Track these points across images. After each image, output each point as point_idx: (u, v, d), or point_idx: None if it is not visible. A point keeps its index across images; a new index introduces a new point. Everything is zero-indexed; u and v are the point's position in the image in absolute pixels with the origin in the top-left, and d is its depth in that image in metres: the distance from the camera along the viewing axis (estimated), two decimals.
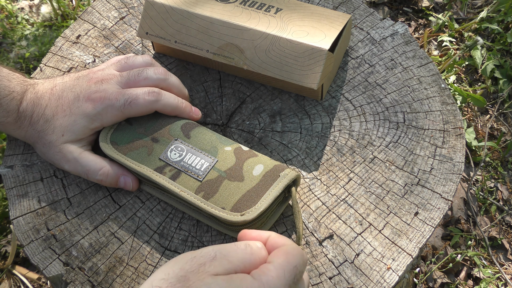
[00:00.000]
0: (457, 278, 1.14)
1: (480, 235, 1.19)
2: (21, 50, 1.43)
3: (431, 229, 0.57)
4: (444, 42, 1.45)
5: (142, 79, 0.60)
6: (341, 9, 0.74)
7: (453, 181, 0.60)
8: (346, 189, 0.59)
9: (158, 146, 0.57)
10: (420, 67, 0.69)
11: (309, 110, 0.66)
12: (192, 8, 0.64)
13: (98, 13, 0.76)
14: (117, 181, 0.58)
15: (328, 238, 0.56)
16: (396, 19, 1.53)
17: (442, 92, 0.66)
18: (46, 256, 0.56)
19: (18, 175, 0.61)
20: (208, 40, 0.63)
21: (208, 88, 0.68)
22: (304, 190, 0.60)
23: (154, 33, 0.65)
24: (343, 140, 0.63)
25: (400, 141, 0.63)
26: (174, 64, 0.71)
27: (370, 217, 0.57)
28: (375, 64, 0.69)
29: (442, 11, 1.55)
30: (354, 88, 0.67)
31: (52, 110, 0.58)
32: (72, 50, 0.72)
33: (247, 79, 0.69)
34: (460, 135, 0.63)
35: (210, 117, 0.66)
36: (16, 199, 0.60)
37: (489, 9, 1.47)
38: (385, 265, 0.54)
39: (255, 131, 0.64)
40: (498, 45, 1.43)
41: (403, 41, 0.71)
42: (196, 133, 0.58)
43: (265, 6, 0.65)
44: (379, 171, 0.61)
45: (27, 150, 0.63)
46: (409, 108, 0.65)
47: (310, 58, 0.60)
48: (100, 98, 0.57)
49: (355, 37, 0.72)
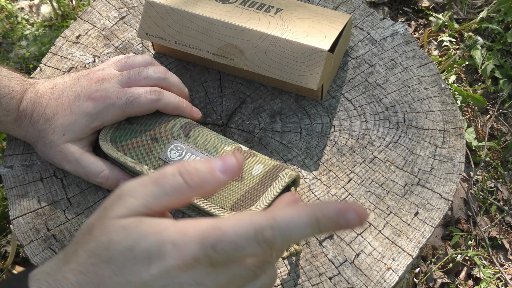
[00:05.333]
0: (457, 278, 1.14)
1: (480, 235, 1.19)
2: (21, 50, 1.43)
3: (431, 229, 0.56)
4: (444, 42, 1.45)
5: (143, 78, 0.60)
6: (341, 9, 0.74)
7: (453, 181, 0.60)
8: (346, 189, 0.59)
9: (158, 145, 0.57)
10: (420, 67, 0.69)
11: (309, 110, 0.66)
12: (192, 8, 0.64)
13: (98, 13, 0.76)
14: (117, 184, 0.58)
15: (328, 238, 0.56)
16: (396, 19, 1.53)
17: (442, 92, 0.66)
18: (46, 256, 0.56)
19: (18, 175, 0.61)
20: (208, 41, 0.63)
21: (208, 88, 0.68)
22: (304, 190, 0.60)
23: (154, 33, 0.65)
24: (343, 140, 0.63)
25: (400, 141, 0.63)
26: (174, 64, 0.70)
27: (370, 217, 0.57)
28: (375, 64, 0.69)
29: (442, 11, 1.55)
30: (354, 88, 0.67)
31: (53, 109, 0.58)
32: (72, 50, 0.72)
33: (247, 79, 0.69)
34: (460, 135, 0.63)
35: (210, 117, 0.66)
36: (16, 199, 0.60)
37: (489, 9, 1.47)
38: (385, 265, 0.54)
39: (255, 131, 0.64)
40: (498, 45, 1.43)
41: (403, 41, 0.71)
42: (196, 132, 0.58)
43: (265, 7, 0.65)
44: (379, 171, 0.61)
45: (27, 150, 0.63)
46: (409, 108, 0.65)
47: (310, 58, 0.60)
48: (101, 97, 0.57)
49: (355, 37, 0.72)
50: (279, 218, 0.32)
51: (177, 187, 0.34)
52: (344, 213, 0.32)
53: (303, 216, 0.32)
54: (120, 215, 0.33)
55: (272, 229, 0.32)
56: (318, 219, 0.32)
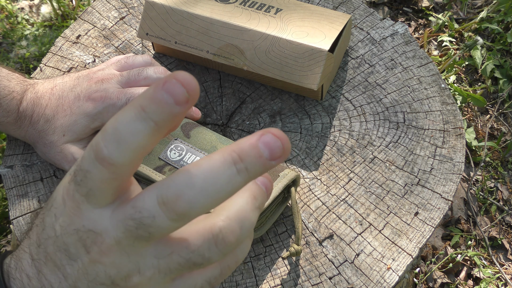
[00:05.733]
0: (457, 278, 1.14)
1: (480, 235, 1.19)
2: (21, 50, 1.43)
3: (431, 229, 0.57)
4: (444, 42, 1.45)
5: (142, 79, 0.60)
6: (341, 9, 0.74)
7: (453, 181, 0.60)
8: (346, 189, 0.59)
9: (158, 145, 0.58)
10: (420, 67, 0.69)
11: (309, 110, 0.66)
12: (192, 8, 0.64)
13: (98, 13, 0.76)
14: None
15: (328, 238, 0.56)
16: (396, 19, 1.53)
17: (442, 92, 0.66)
18: None
19: (18, 175, 0.61)
20: (208, 41, 0.63)
21: (208, 88, 0.68)
22: (304, 190, 0.60)
23: (154, 34, 0.65)
24: (343, 140, 0.63)
25: (400, 141, 0.63)
26: (174, 64, 0.71)
27: (370, 217, 0.57)
28: (375, 64, 0.69)
29: (442, 11, 1.55)
30: (354, 88, 0.67)
31: (53, 110, 0.58)
32: (72, 50, 0.72)
33: (247, 79, 0.69)
34: (460, 135, 0.63)
35: (210, 117, 0.66)
36: (16, 199, 0.60)
37: (489, 9, 1.47)
38: (385, 265, 0.54)
39: (255, 131, 0.64)
40: (498, 45, 1.43)
41: (403, 41, 0.71)
42: (196, 133, 0.58)
43: (265, 7, 0.65)
44: (379, 171, 0.61)
45: (27, 150, 0.63)
46: (409, 108, 0.65)
47: (310, 58, 0.60)
48: (101, 98, 0.57)
49: (355, 37, 0.72)
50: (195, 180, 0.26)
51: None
52: (261, 140, 0.26)
53: (218, 159, 0.26)
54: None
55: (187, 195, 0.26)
56: (235, 159, 0.26)
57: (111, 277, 0.28)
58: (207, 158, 0.26)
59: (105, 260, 0.28)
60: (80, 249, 0.28)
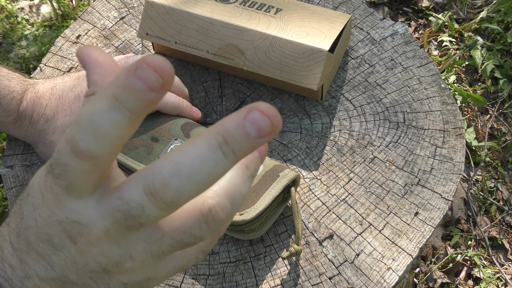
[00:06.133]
0: (457, 278, 1.14)
1: (480, 235, 1.19)
2: (21, 50, 1.43)
3: (431, 229, 0.57)
4: (444, 42, 1.45)
5: None
6: (341, 9, 0.74)
7: (453, 181, 0.60)
8: (346, 189, 0.59)
9: (158, 145, 0.58)
10: (420, 67, 0.69)
11: (309, 110, 0.66)
12: (192, 8, 0.64)
13: (98, 13, 0.76)
14: None
15: (328, 238, 0.56)
16: (396, 19, 1.53)
17: (442, 92, 0.66)
18: None
19: (18, 175, 0.61)
20: (208, 41, 0.63)
21: (208, 88, 0.68)
22: (304, 190, 0.60)
23: (154, 34, 0.65)
24: (343, 140, 0.63)
25: (400, 141, 0.63)
26: (174, 64, 0.71)
27: (370, 217, 0.57)
28: (375, 64, 0.69)
29: (442, 11, 1.55)
30: (354, 88, 0.67)
31: (53, 109, 0.58)
32: (72, 50, 0.72)
33: (247, 79, 0.69)
34: (460, 135, 0.63)
35: (210, 117, 0.66)
36: (16, 199, 0.60)
37: (489, 9, 1.47)
38: (385, 265, 0.54)
39: None
40: (498, 45, 1.43)
41: (403, 41, 0.71)
42: (196, 133, 0.58)
43: (265, 7, 0.65)
44: (379, 171, 0.61)
45: (27, 150, 0.63)
46: (409, 108, 0.65)
47: (310, 58, 0.60)
48: None
49: (355, 37, 0.72)
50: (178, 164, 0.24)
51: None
52: (247, 118, 0.24)
53: (203, 145, 0.24)
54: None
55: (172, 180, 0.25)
56: (220, 142, 0.24)
57: (101, 265, 0.28)
58: (191, 143, 0.24)
59: (93, 250, 0.27)
60: (65, 240, 0.27)
